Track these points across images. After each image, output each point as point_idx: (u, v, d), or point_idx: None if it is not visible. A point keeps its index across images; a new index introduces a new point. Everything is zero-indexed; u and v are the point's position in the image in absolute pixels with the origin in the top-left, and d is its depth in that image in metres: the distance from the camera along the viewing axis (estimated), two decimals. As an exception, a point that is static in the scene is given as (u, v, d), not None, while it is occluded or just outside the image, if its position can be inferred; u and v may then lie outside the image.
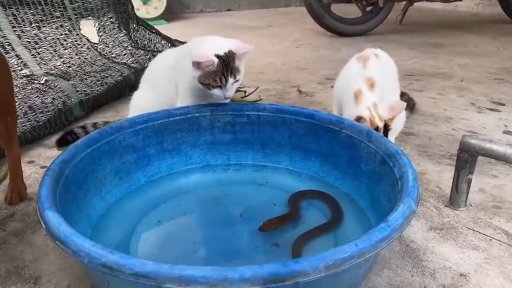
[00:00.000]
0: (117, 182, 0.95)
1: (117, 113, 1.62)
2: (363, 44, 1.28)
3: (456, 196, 0.98)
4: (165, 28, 3.71)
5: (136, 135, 0.98)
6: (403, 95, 1.47)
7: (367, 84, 1.12)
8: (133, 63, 1.97)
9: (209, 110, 1.07)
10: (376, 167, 0.87)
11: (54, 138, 1.35)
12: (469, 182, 0.97)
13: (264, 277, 0.50)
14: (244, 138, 1.10)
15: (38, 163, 1.23)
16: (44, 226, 0.61)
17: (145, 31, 2.26)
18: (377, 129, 1.05)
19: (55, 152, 1.28)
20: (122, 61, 1.96)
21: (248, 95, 1.74)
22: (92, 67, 1.79)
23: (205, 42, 1.05)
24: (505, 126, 1.48)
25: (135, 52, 2.03)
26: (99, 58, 1.87)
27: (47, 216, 0.61)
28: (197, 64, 0.98)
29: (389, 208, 0.66)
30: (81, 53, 1.86)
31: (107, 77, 1.75)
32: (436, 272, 0.80)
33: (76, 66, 1.77)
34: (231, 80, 1.01)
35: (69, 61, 1.79)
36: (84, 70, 1.76)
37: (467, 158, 0.95)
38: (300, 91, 1.89)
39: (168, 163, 1.06)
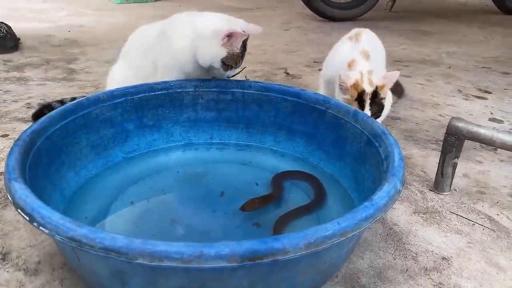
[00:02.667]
0: (93, 157, 0.91)
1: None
2: (353, 29, 1.25)
3: (441, 180, 0.97)
4: (151, 7, 3.63)
5: (114, 109, 0.94)
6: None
7: (362, 54, 1.09)
8: None
9: (192, 86, 1.03)
10: (362, 147, 0.85)
11: (30, 112, 1.30)
12: (454, 166, 0.96)
13: (242, 254, 0.47)
14: (228, 116, 1.07)
15: (13, 136, 1.17)
16: (10, 198, 0.58)
17: None
18: (363, 93, 1.01)
19: (30, 127, 1.23)
20: None
21: (234, 75, 1.69)
22: None
23: (215, 18, 0.99)
24: (491, 113, 1.47)
25: None
26: None
27: (13, 187, 0.58)
28: (227, 38, 0.93)
29: (374, 189, 0.63)
30: None
31: None
32: (419, 255, 0.79)
33: None
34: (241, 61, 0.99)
35: None
36: None
37: (454, 141, 0.93)
38: (287, 73, 1.85)
39: (148, 139, 1.02)
